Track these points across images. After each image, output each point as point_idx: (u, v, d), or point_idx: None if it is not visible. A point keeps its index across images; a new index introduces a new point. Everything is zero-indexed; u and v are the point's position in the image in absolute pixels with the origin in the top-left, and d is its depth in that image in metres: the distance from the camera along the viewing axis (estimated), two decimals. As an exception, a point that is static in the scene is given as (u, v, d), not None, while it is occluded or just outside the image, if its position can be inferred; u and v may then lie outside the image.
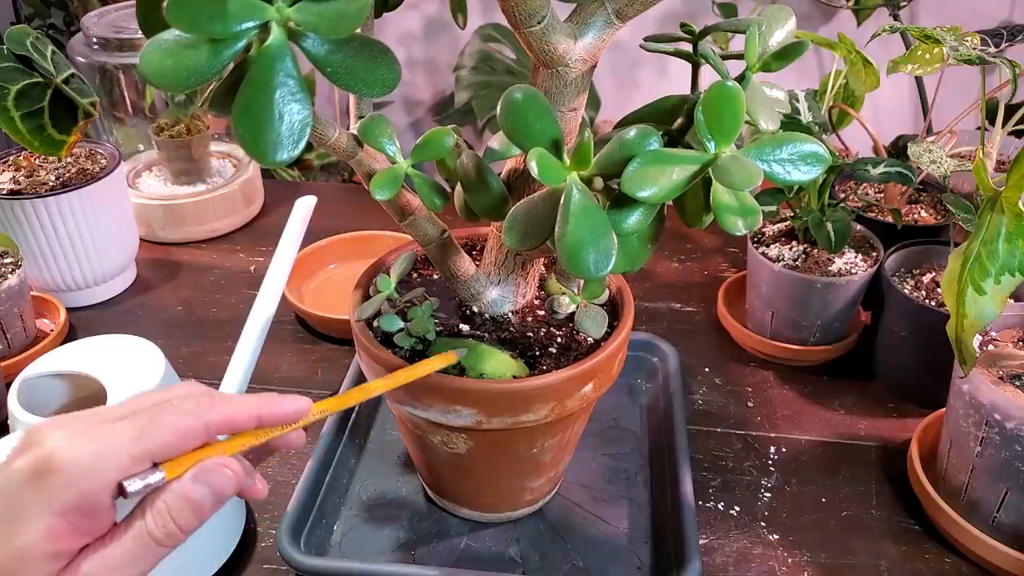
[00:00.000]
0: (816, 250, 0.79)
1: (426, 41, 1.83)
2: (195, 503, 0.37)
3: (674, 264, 0.99)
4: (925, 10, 1.60)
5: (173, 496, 0.37)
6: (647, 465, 0.69)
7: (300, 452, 0.71)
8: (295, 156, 0.35)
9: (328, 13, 0.33)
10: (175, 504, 0.37)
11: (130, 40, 1.00)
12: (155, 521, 0.36)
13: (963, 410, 0.60)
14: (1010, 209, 0.55)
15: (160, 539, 0.37)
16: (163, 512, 0.37)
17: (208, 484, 0.37)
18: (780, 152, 0.41)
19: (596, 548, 0.62)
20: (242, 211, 1.05)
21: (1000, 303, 0.55)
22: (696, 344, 0.85)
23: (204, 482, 0.37)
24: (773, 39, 0.45)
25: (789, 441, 0.73)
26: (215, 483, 0.37)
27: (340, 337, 0.84)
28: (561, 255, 0.41)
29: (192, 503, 0.37)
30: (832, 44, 0.84)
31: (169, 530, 0.37)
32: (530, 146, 0.42)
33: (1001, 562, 0.60)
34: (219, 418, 0.38)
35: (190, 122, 1.03)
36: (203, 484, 0.37)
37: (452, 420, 0.53)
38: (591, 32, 0.45)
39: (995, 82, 0.80)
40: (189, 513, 0.37)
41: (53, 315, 0.86)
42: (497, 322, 0.58)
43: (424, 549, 0.62)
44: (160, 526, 0.36)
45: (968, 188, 0.91)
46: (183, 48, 0.33)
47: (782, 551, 0.63)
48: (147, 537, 0.36)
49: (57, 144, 0.80)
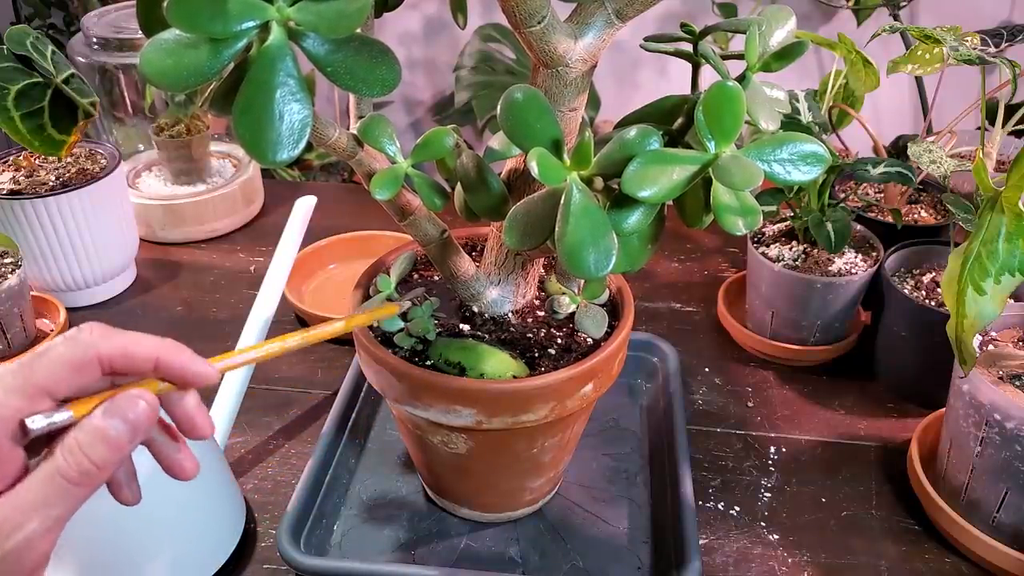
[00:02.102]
0: (816, 250, 0.79)
1: (426, 41, 1.83)
2: (108, 436, 0.35)
3: (674, 264, 0.99)
4: (925, 10, 1.60)
5: (84, 432, 0.35)
6: (647, 465, 0.69)
7: (300, 452, 0.71)
8: (295, 156, 0.35)
9: (328, 13, 0.33)
10: (86, 439, 0.35)
11: (130, 40, 1.00)
12: (67, 459, 0.35)
13: (963, 410, 0.60)
14: (1010, 209, 0.55)
15: (73, 478, 0.35)
16: (74, 449, 0.35)
17: (120, 416, 0.36)
18: (780, 152, 0.41)
19: (596, 548, 0.62)
20: (242, 211, 1.05)
21: (1000, 303, 0.55)
22: (696, 344, 0.85)
23: (116, 414, 0.36)
24: (773, 39, 0.45)
25: (789, 441, 0.73)
26: (128, 414, 0.36)
27: (340, 337, 0.84)
28: (561, 255, 0.41)
29: (105, 436, 0.35)
30: (832, 44, 0.84)
31: (83, 467, 0.35)
32: (530, 146, 0.42)
33: (1001, 562, 0.60)
34: (112, 349, 0.37)
35: (190, 122, 1.03)
36: (115, 416, 0.36)
37: (452, 420, 0.53)
38: (591, 32, 0.45)
39: (995, 82, 0.80)
40: (103, 448, 0.35)
41: (53, 315, 0.86)
42: (497, 322, 0.58)
43: (424, 549, 0.62)
44: (73, 464, 0.35)
45: (968, 188, 0.91)
46: (183, 48, 0.33)
47: (782, 551, 0.63)
48: (59, 477, 0.35)
49: (57, 144, 0.80)
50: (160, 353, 0.38)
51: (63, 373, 0.36)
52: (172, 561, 0.56)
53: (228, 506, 0.61)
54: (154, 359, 0.38)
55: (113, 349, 0.37)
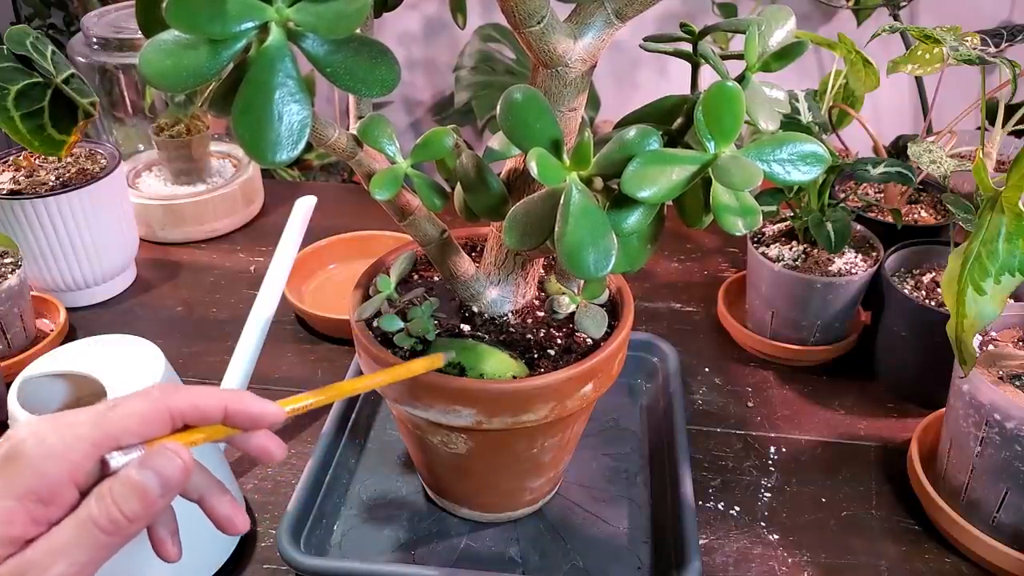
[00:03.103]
0: (816, 250, 0.79)
1: (426, 41, 1.83)
2: (139, 488, 0.35)
3: (674, 264, 0.99)
4: (925, 10, 1.60)
5: (118, 481, 0.35)
6: (647, 465, 0.69)
7: (300, 452, 0.71)
8: (295, 156, 0.35)
9: (327, 13, 0.33)
10: (120, 490, 0.35)
11: (130, 40, 1.00)
12: (98, 507, 0.35)
13: (963, 410, 0.60)
14: (1010, 209, 0.55)
15: (103, 526, 0.35)
16: (105, 497, 0.35)
17: (153, 468, 0.36)
18: (780, 152, 0.41)
19: (596, 548, 0.62)
20: (242, 211, 1.05)
21: (1000, 303, 0.55)
22: (696, 344, 0.85)
23: (149, 466, 0.36)
24: (773, 39, 0.45)
25: (789, 441, 0.73)
26: (160, 467, 0.36)
27: (340, 337, 0.84)
28: (561, 255, 0.41)
29: (136, 488, 0.35)
30: (832, 44, 0.84)
31: (112, 516, 0.35)
32: (530, 146, 0.42)
33: (1001, 562, 0.60)
34: (183, 403, 0.38)
35: (190, 122, 1.03)
36: (148, 468, 0.36)
37: (452, 420, 0.53)
38: (591, 32, 0.45)
39: (995, 82, 0.80)
40: (133, 500, 0.35)
41: (53, 315, 0.86)
42: (497, 322, 0.58)
43: (424, 549, 0.62)
44: (103, 512, 0.35)
45: (968, 188, 0.91)
46: (183, 48, 0.33)
47: (782, 551, 0.63)
48: (90, 524, 0.34)
49: (57, 144, 0.80)
50: (228, 404, 0.39)
51: (132, 425, 0.36)
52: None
53: (228, 506, 0.61)
54: (223, 409, 0.39)
55: (183, 403, 0.38)
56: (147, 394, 0.38)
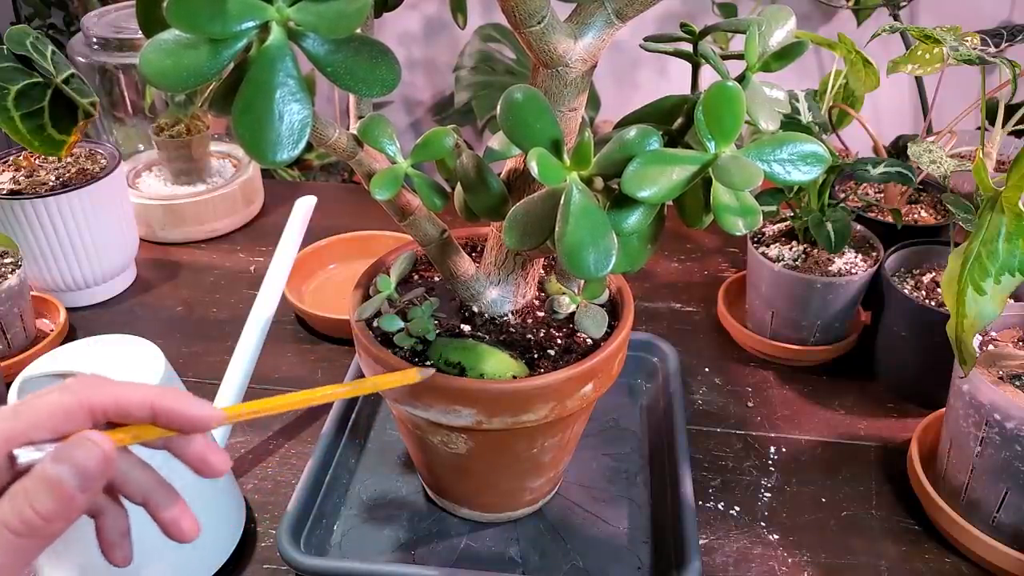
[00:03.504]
0: (816, 250, 0.79)
1: (426, 41, 1.83)
2: (53, 483, 0.31)
3: (674, 264, 0.99)
4: (925, 10, 1.60)
5: (31, 477, 0.32)
6: (647, 465, 0.69)
7: (300, 452, 0.71)
8: (295, 156, 0.35)
9: (328, 13, 0.33)
10: (33, 486, 0.31)
11: (130, 40, 1.00)
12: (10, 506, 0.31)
13: (963, 410, 0.60)
14: (1010, 209, 0.55)
15: (15, 527, 0.31)
16: (18, 495, 0.31)
17: (69, 460, 0.32)
18: (780, 152, 0.41)
19: (596, 548, 0.62)
20: (242, 211, 1.05)
21: (1000, 303, 0.55)
22: (696, 344, 0.85)
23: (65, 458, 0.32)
24: (773, 39, 0.45)
25: (789, 441, 0.73)
26: (78, 459, 0.32)
27: (340, 337, 0.84)
28: (561, 255, 0.41)
29: (50, 483, 0.31)
30: (832, 44, 0.84)
31: (24, 516, 0.31)
32: (530, 146, 0.42)
33: (1001, 562, 0.60)
34: (105, 398, 0.35)
35: (190, 122, 1.03)
36: (63, 461, 0.32)
37: (452, 420, 0.53)
38: (591, 32, 0.45)
39: (995, 82, 0.80)
40: (46, 496, 0.31)
41: (53, 315, 0.86)
42: (497, 322, 0.58)
43: (424, 549, 0.62)
44: (15, 512, 0.31)
45: (968, 188, 0.91)
46: (183, 48, 0.33)
47: (782, 551, 0.63)
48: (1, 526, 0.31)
49: (57, 144, 0.80)
50: (155, 401, 0.36)
51: (44, 420, 0.33)
52: (172, 561, 0.56)
53: (228, 506, 0.61)
54: (148, 406, 0.36)
55: (105, 398, 0.35)
56: (65, 388, 0.35)
